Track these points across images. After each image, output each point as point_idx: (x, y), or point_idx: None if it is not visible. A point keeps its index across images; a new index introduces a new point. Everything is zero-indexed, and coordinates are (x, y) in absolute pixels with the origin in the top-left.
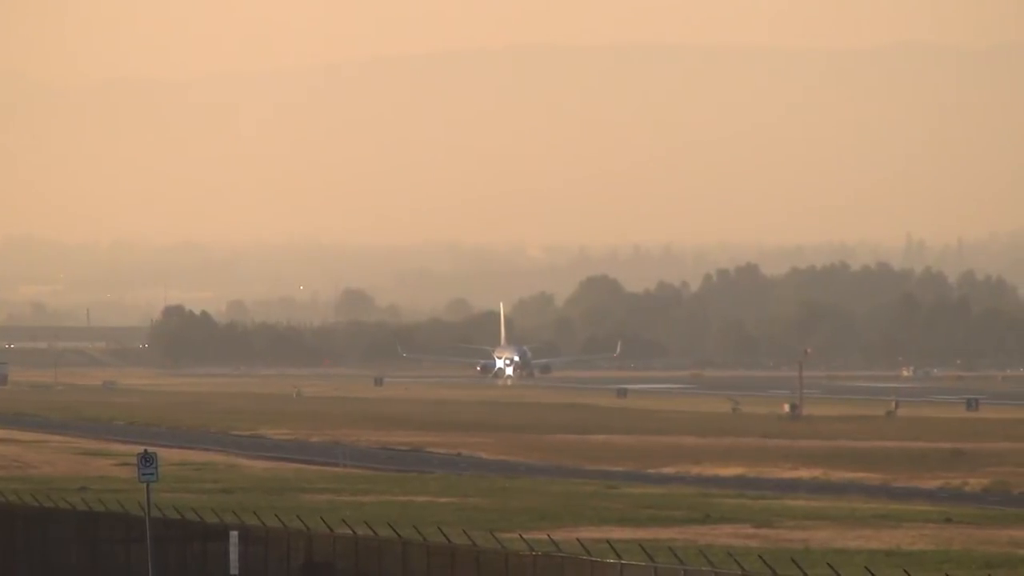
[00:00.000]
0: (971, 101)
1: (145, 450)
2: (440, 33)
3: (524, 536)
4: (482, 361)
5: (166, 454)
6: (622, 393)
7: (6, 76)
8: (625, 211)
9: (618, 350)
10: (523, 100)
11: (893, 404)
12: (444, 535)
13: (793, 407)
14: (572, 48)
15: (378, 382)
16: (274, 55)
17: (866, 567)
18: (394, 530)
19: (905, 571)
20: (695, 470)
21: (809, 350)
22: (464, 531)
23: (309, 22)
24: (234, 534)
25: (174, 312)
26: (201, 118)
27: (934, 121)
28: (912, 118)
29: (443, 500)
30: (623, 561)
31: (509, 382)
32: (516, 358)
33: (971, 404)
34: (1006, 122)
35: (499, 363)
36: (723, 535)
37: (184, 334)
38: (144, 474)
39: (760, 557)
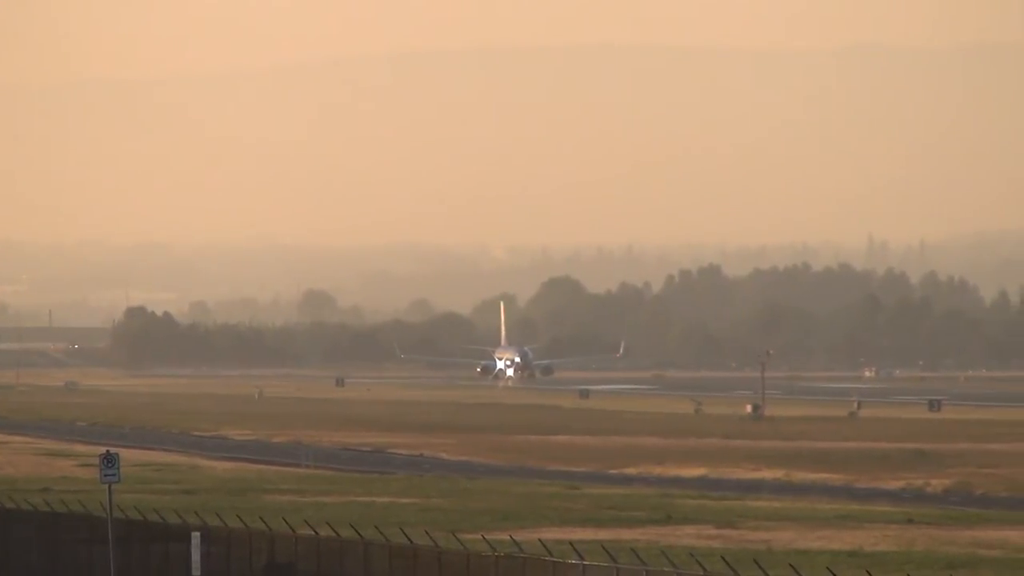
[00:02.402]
0: (933, 103)
1: (107, 451)
2: (402, 34)
3: (486, 537)
4: (483, 362)
5: (128, 455)
6: (584, 394)
7: None
8: (587, 212)
9: (621, 350)
10: (486, 102)
11: (855, 405)
12: (406, 536)
13: (755, 408)
14: (534, 49)
15: (340, 383)
16: (236, 56)
17: (828, 568)
18: (356, 531)
19: (867, 572)
20: (657, 471)
21: (771, 351)
22: (426, 532)
23: (269, 23)
24: (196, 535)
25: (136, 313)
26: (164, 119)
27: (896, 123)
28: (874, 120)
29: (405, 501)
30: (585, 562)
31: (510, 383)
32: (517, 359)
33: (933, 405)
34: (968, 123)
35: (500, 364)
36: (685, 536)
37: (146, 335)
38: (106, 475)
39: (722, 558)
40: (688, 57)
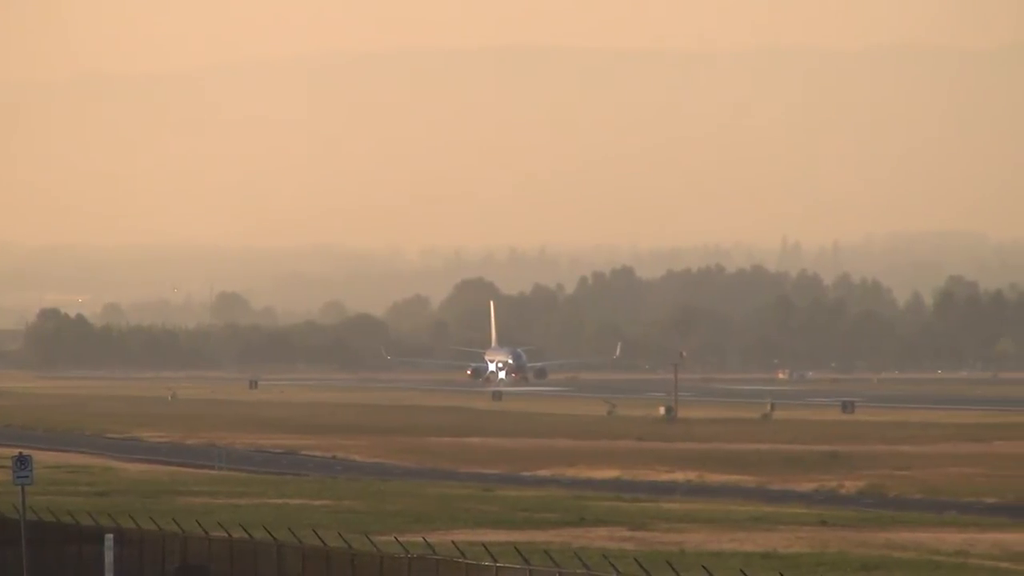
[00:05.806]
0: (846, 103)
1: (20, 453)
2: (315, 36)
3: (399, 539)
4: (473, 364)
5: (41, 457)
6: (497, 396)
7: None
8: (501, 213)
9: (617, 351)
10: (400, 104)
11: (768, 406)
12: (319, 537)
13: (668, 409)
14: (445, 51)
15: (253, 385)
16: (147, 58)
17: (741, 570)
18: (269, 532)
19: (780, 574)
20: (570, 472)
21: (684, 353)
22: (339, 533)
23: (184, 23)
24: (109, 537)
25: (49, 315)
26: (74, 120)
27: (807, 123)
28: (785, 120)
29: (318, 503)
30: (498, 564)
31: (501, 387)
32: (510, 360)
33: (846, 407)
34: (881, 124)
35: (491, 366)
36: (598, 538)
37: (59, 337)
38: (19, 477)
39: (635, 560)
40: (599, 59)
